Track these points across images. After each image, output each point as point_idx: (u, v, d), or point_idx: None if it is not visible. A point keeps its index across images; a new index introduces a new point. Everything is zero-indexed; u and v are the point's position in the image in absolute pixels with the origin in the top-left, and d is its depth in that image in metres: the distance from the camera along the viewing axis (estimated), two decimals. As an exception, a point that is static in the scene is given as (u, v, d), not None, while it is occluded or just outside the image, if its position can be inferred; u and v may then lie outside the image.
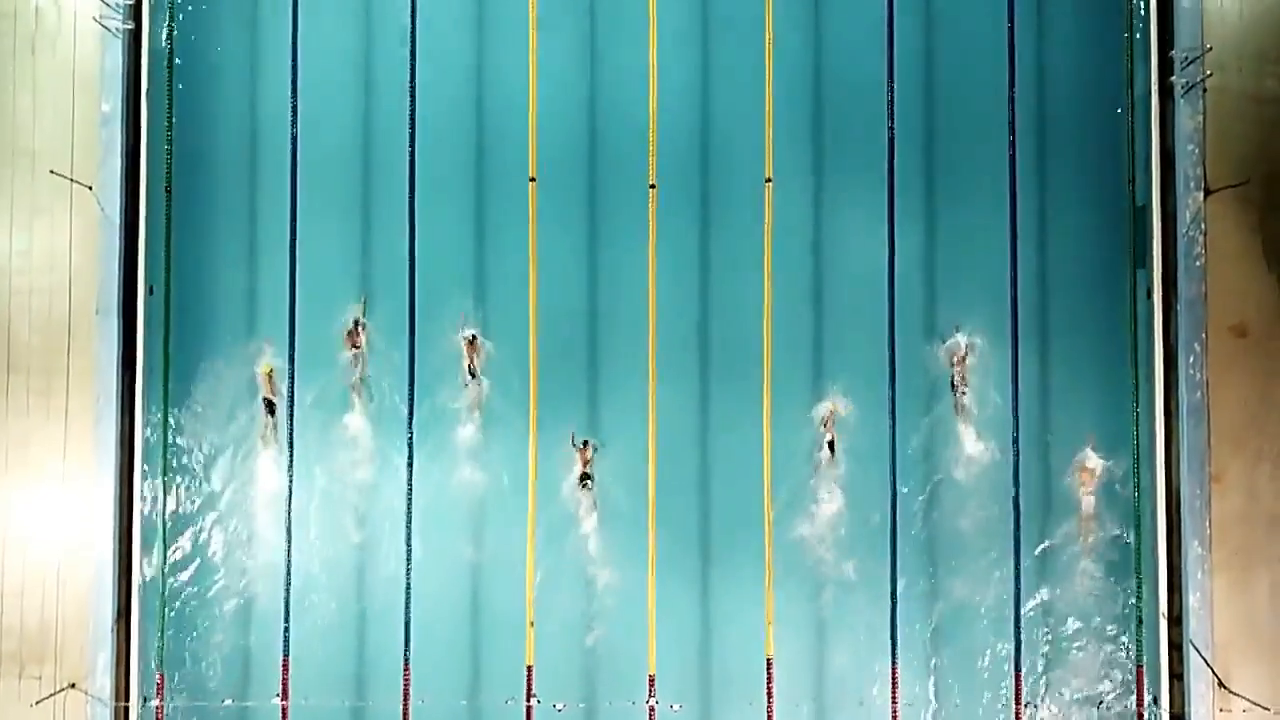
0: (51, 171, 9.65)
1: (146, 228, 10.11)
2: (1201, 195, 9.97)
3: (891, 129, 10.32)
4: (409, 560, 10.12)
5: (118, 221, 9.92)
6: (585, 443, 10.13)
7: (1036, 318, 10.31)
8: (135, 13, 10.03)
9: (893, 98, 10.33)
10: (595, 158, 10.35)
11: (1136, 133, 10.28)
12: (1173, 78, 9.96)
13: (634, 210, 10.25)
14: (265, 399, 10.19)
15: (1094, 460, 10.14)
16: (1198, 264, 9.94)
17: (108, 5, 9.84)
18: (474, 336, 10.19)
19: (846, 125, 10.37)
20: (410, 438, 10.19)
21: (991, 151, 10.38)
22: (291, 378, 10.23)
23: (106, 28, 9.84)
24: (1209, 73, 9.83)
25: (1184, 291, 9.92)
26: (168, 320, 10.21)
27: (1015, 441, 10.18)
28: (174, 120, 10.24)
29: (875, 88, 10.35)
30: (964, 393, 10.18)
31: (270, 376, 10.18)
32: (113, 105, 9.94)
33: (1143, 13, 10.19)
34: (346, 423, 10.24)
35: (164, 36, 10.20)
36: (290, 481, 10.17)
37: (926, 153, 10.35)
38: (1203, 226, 9.96)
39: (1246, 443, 9.89)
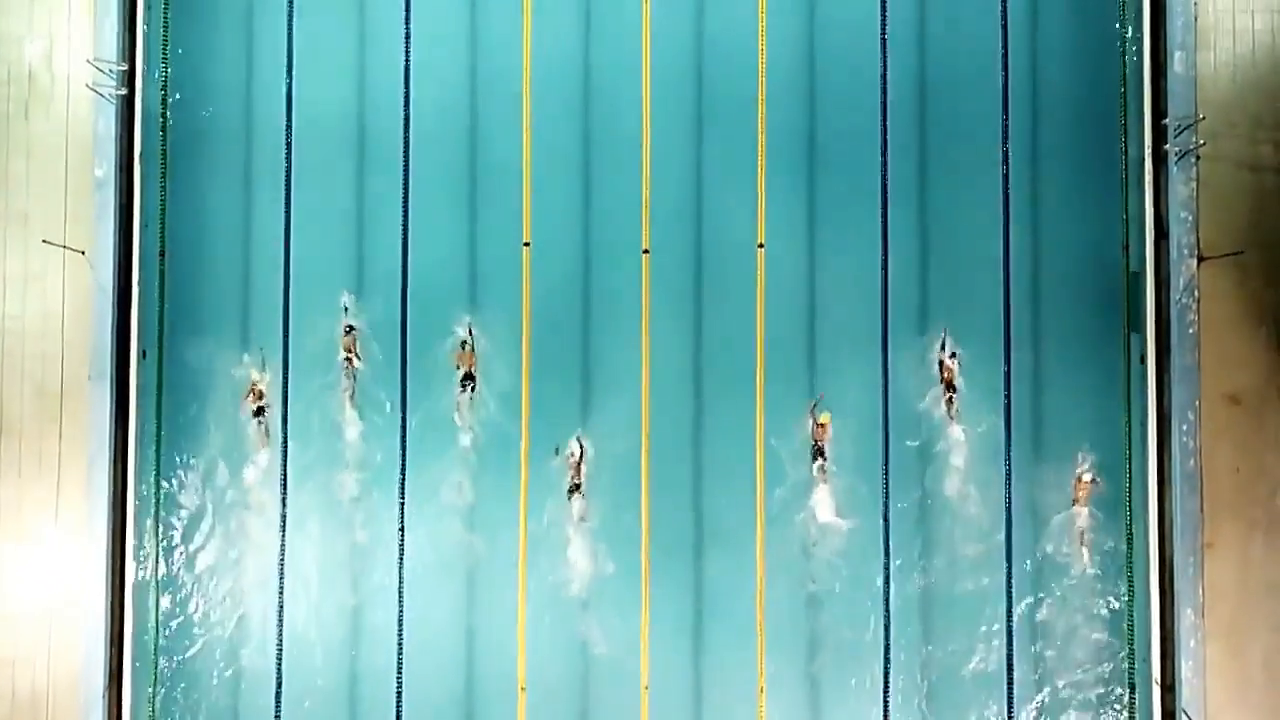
0: (45, 241, 9.65)
1: (140, 292, 10.10)
2: (1195, 262, 9.98)
3: (885, 203, 10.35)
4: (401, 625, 10.14)
5: (111, 287, 9.91)
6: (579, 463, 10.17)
7: (1030, 379, 10.31)
8: (129, 78, 10.03)
9: (885, 170, 10.35)
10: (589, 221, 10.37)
11: (1130, 199, 10.30)
12: (1166, 145, 9.98)
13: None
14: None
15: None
16: (1191, 331, 9.95)
17: (101, 71, 9.84)
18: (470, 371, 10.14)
19: (839, 191, 10.38)
20: (402, 503, 10.21)
21: (986, 218, 10.38)
22: (285, 442, 10.23)
23: (100, 94, 9.84)
24: (1202, 142, 9.85)
25: (1178, 359, 9.93)
26: (160, 384, 10.21)
27: (1008, 510, 10.20)
28: (168, 184, 10.24)
29: (870, 170, 10.38)
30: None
31: (264, 424, 10.14)
32: (106, 170, 9.93)
33: (1137, 80, 10.22)
34: (342, 482, 10.23)
35: (158, 100, 10.19)
36: (283, 547, 10.16)
37: (920, 217, 10.36)
38: (1196, 294, 9.97)
39: (1240, 510, 9.89)
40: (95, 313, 9.92)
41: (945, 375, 10.25)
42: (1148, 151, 10.16)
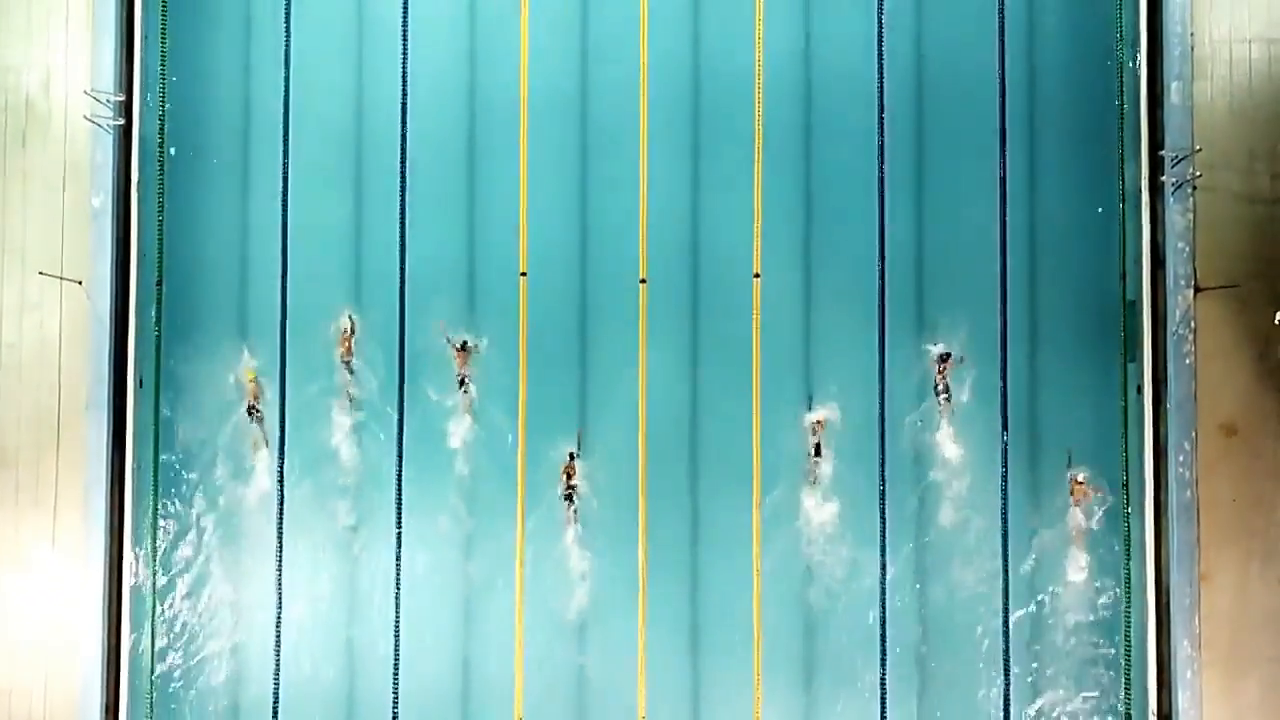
0: (41, 273, 9.67)
1: (137, 321, 10.12)
2: (1191, 293, 9.99)
3: (882, 233, 10.36)
4: (397, 655, 10.16)
5: (108, 317, 9.92)
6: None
7: (1027, 407, 10.30)
8: (126, 108, 10.04)
9: (883, 216, 10.36)
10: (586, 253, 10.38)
11: (1128, 228, 10.30)
12: (1163, 177, 9.99)
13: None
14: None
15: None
16: (1188, 362, 9.96)
17: (98, 101, 9.85)
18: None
19: (835, 218, 10.39)
20: (398, 560, 10.22)
21: (984, 245, 10.37)
22: (280, 473, 10.24)
23: (98, 124, 9.85)
24: (1199, 174, 9.86)
25: (1174, 390, 9.94)
26: (157, 412, 10.22)
27: (1004, 547, 10.22)
28: (165, 213, 10.25)
29: (867, 200, 10.39)
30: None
31: (263, 450, 10.18)
32: (103, 200, 9.94)
33: (1134, 110, 10.22)
34: (341, 511, 10.24)
35: (155, 129, 10.20)
36: (280, 578, 10.18)
37: (917, 244, 10.36)
38: (1192, 324, 9.98)
39: (1236, 541, 9.90)
40: (92, 342, 9.93)
41: (940, 394, 10.26)
42: (1144, 181, 10.18)
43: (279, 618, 10.14)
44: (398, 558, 10.14)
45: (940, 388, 10.26)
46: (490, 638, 10.10)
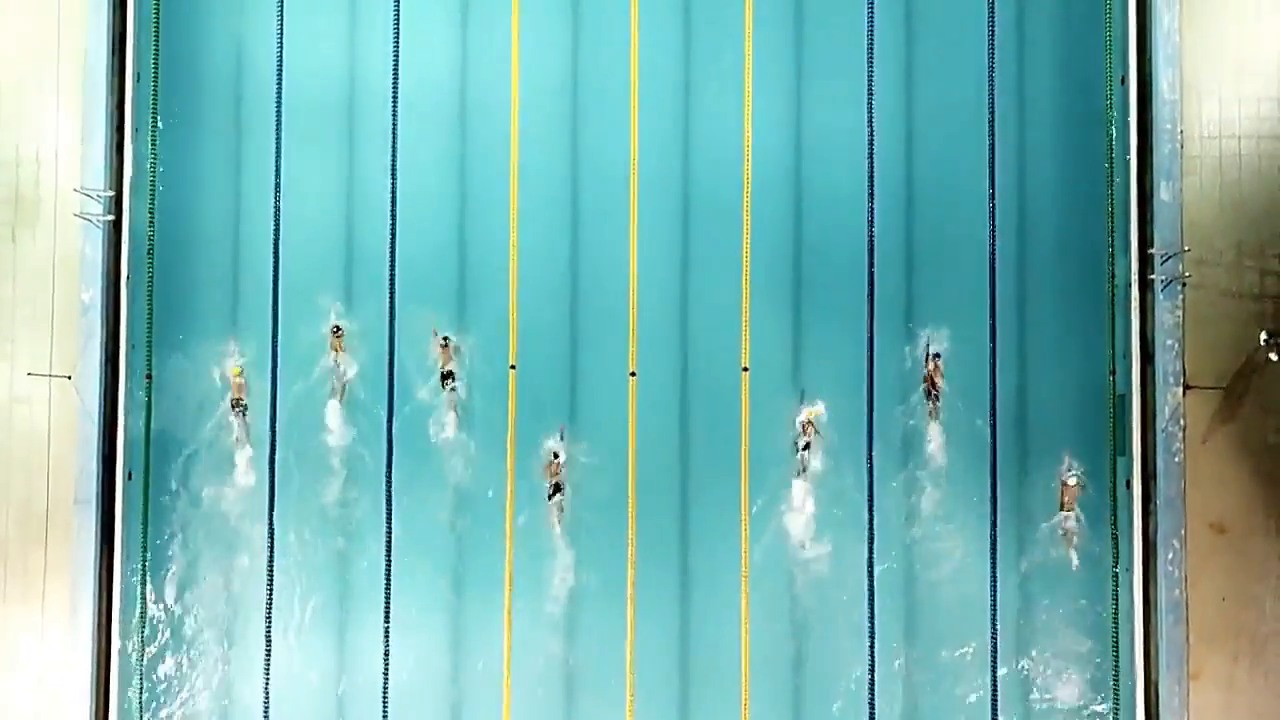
0: (30, 374, 9.68)
1: (125, 414, 10.11)
2: (1181, 391, 9.98)
3: (871, 328, 10.36)
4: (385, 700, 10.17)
5: (96, 412, 9.92)
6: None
7: (1015, 492, 10.30)
8: (116, 203, 10.05)
9: (872, 298, 10.37)
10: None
11: (1118, 322, 10.30)
12: (1152, 275, 9.98)
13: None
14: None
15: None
16: (1176, 460, 9.94)
17: (89, 196, 9.86)
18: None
19: (823, 317, 10.41)
20: (387, 632, 10.22)
21: (975, 339, 10.36)
22: (270, 568, 10.24)
23: (88, 219, 9.86)
24: (1188, 274, 9.87)
25: (1163, 488, 9.92)
26: (146, 505, 10.21)
27: (994, 643, 10.20)
28: (154, 305, 10.25)
29: (856, 299, 10.41)
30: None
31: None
32: (93, 294, 9.95)
33: (1124, 206, 10.22)
34: (340, 615, 10.26)
35: (145, 223, 10.21)
36: (266, 690, 10.19)
37: (909, 341, 10.36)
38: (1182, 422, 9.97)
39: (1226, 640, 9.87)
40: (81, 436, 9.92)
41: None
42: (1134, 277, 10.17)
43: (266, 711, 10.14)
44: (385, 664, 10.15)
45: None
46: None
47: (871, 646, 10.12)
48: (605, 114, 10.47)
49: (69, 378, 9.89)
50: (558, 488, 10.13)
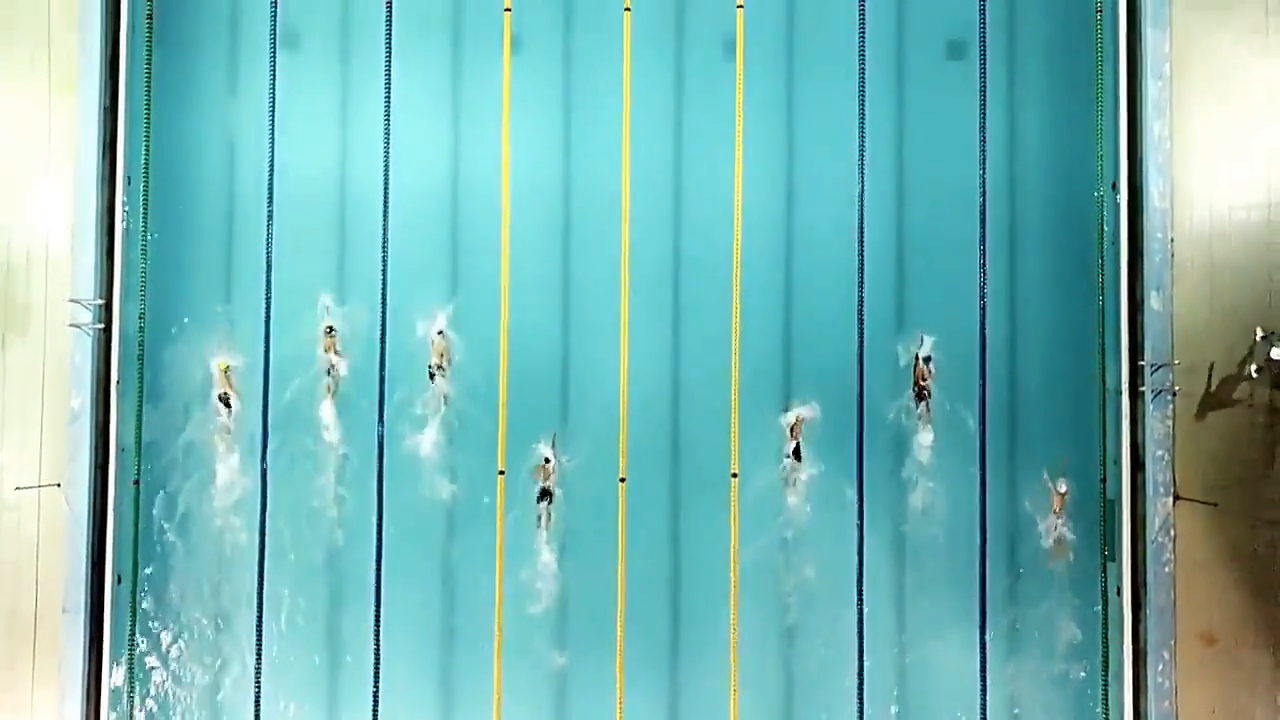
0: (17, 488, 9.67)
1: (115, 519, 10.09)
2: (1171, 501, 9.98)
3: (860, 442, 10.37)
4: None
5: (85, 519, 9.90)
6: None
7: (1005, 600, 10.29)
8: (107, 311, 10.05)
9: (862, 403, 10.38)
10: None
11: (1108, 429, 10.30)
12: (1142, 387, 9.99)
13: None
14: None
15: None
16: (1167, 570, 9.94)
17: (80, 305, 9.86)
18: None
19: (815, 422, 10.40)
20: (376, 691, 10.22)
21: (963, 446, 10.37)
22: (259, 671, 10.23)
23: (80, 328, 9.85)
24: (1177, 388, 9.88)
25: (1154, 598, 9.91)
26: (134, 610, 10.19)
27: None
28: (143, 410, 10.24)
29: (847, 409, 10.42)
30: None
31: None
32: (82, 401, 9.93)
33: (1114, 315, 10.24)
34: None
35: (135, 329, 10.20)
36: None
37: (896, 456, 10.37)
38: (1172, 533, 9.96)
39: (1216, 753, 9.89)
40: (70, 544, 9.90)
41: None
42: (1124, 384, 10.18)
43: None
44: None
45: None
46: None
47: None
48: (597, 211, 10.48)
49: (58, 485, 9.87)
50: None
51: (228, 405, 10.29)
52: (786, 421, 10.32)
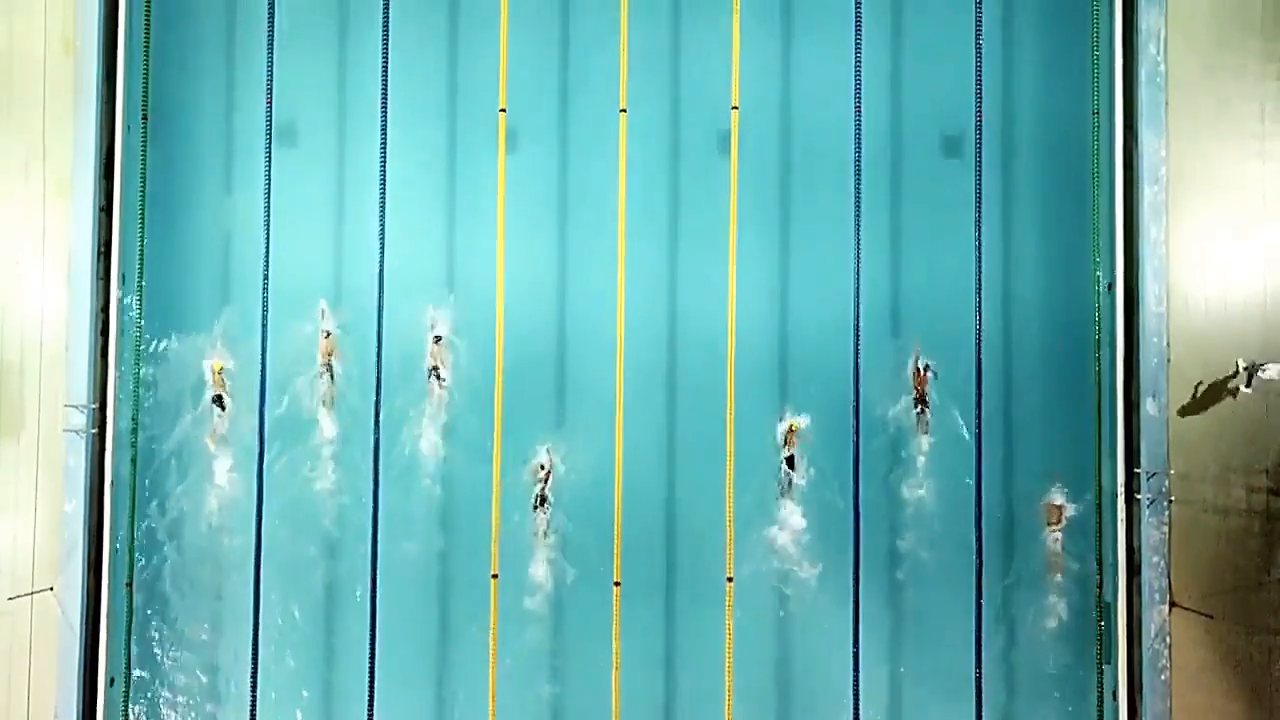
0: (11, 598, 9.65)
1: (108, 622, 10.07)
2: (1167, 609, 9.94)
3: (856, 571, 10.34)
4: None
5: (79, 623, 9.88)
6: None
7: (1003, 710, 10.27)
8: (101, 413, 10.05)
9: (857, 536, 10.35)
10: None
11: (1104, 532, 10.27)
12: (1139, 495, 9.95)
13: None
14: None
15: None
16: (1163, 678, 9.90)
17: (74, 408, 9.85)
18: None
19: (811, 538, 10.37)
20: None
21: (957, 545, 10.33)
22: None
23: (75, 433, 9.85)
24: (1173, 497, 9.85)
25: (1149, 704, 9.88)
26: (126, 713, 10.17)
27: None
28: (136, 512, 10.23)
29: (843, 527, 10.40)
30: None
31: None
32: (75, 505, 9.92)
33: (1111, 421, 10.22)
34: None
35: (129, 433, 10.21)
36: None
37: (890, 577, 10.33)
38: (1168, 640, 9.93)
39: None
40: (61, 647, 9.88)
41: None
42: (1120, 490, 10.14)
43: None
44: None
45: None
46: None
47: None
48: (592, 307, 10.47)
49: (51, 589, 9.86)
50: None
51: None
52: (778, 533, 10.32)
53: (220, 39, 10.55)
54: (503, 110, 10.41)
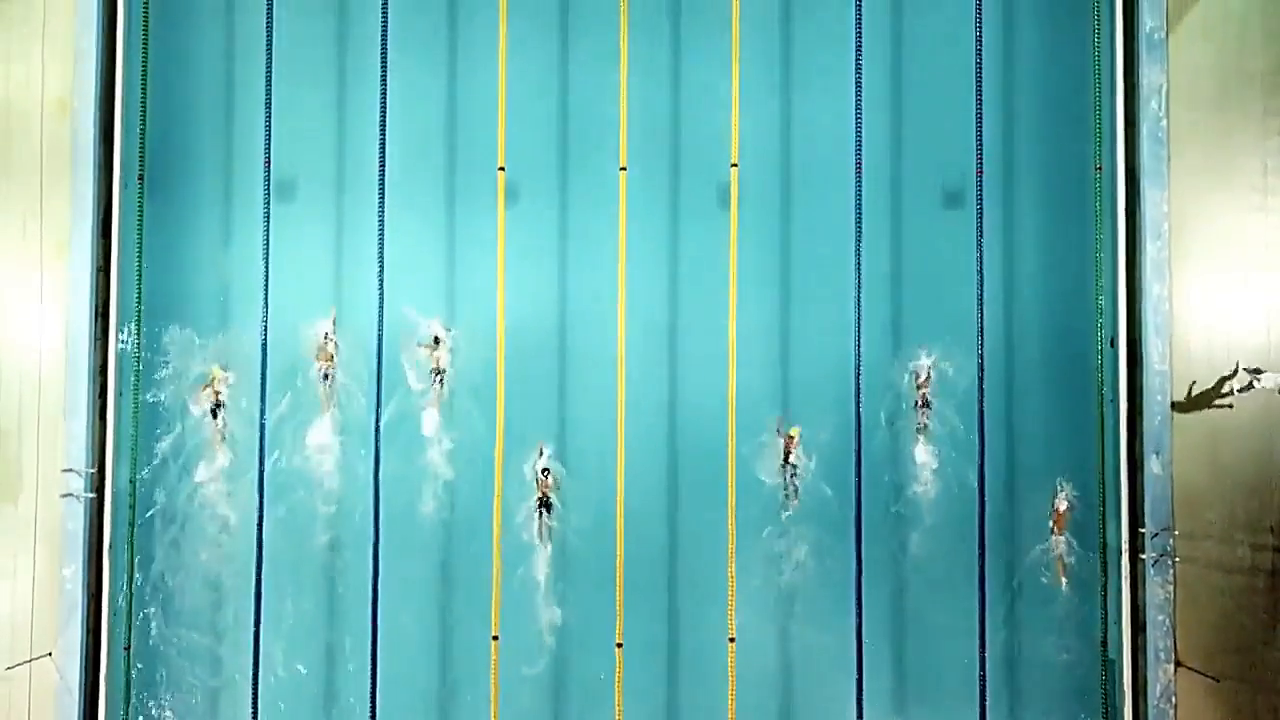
0: (9, 667, 9.59)
1: (107, 687, 10.00)
2: (1172, 668, 9.89)
3: (860, 631, 10.30)
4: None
5: (77, 688, 9.81)
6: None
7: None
8: (99, 475, 9.99)
9: (860, 596, 10.30)
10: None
11: (1109, 589, 10.22)
12: (1143, 555, 9.90)
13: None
14: None
15: None
16: (1168, 737, 9.87)
17: (73, 472, 9.80)
18: None
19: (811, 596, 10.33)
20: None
21: (961, 605, 10.28)
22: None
23: (73, 496, 9.79)
24: (1178, 558, 9.81)
25: (1155, 764, 9.85)
26: (126, 776, 10.15)
27: None
28: (133, 575, 10.18)
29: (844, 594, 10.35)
30: None
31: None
32: (74, 570, 9.86)
33: (1115, 478, 10.18)
34: None
35: (127, 494, 10.16)
36: None
37: (895, 639, 10.29)
38: (1174, 700, 9.88)
39: None
40: (61, 714, 9.81)
41: None
42: (1124, 547, 10.09)
43: None
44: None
45: None
46: None
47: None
48: (593, 358, 10.43)
49: (49, 655, 9.79)
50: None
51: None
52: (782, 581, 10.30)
53: (218, 96, 10.51)
54: (501, 168, 10.36)
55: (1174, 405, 10.01)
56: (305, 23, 10.49)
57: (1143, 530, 9.90)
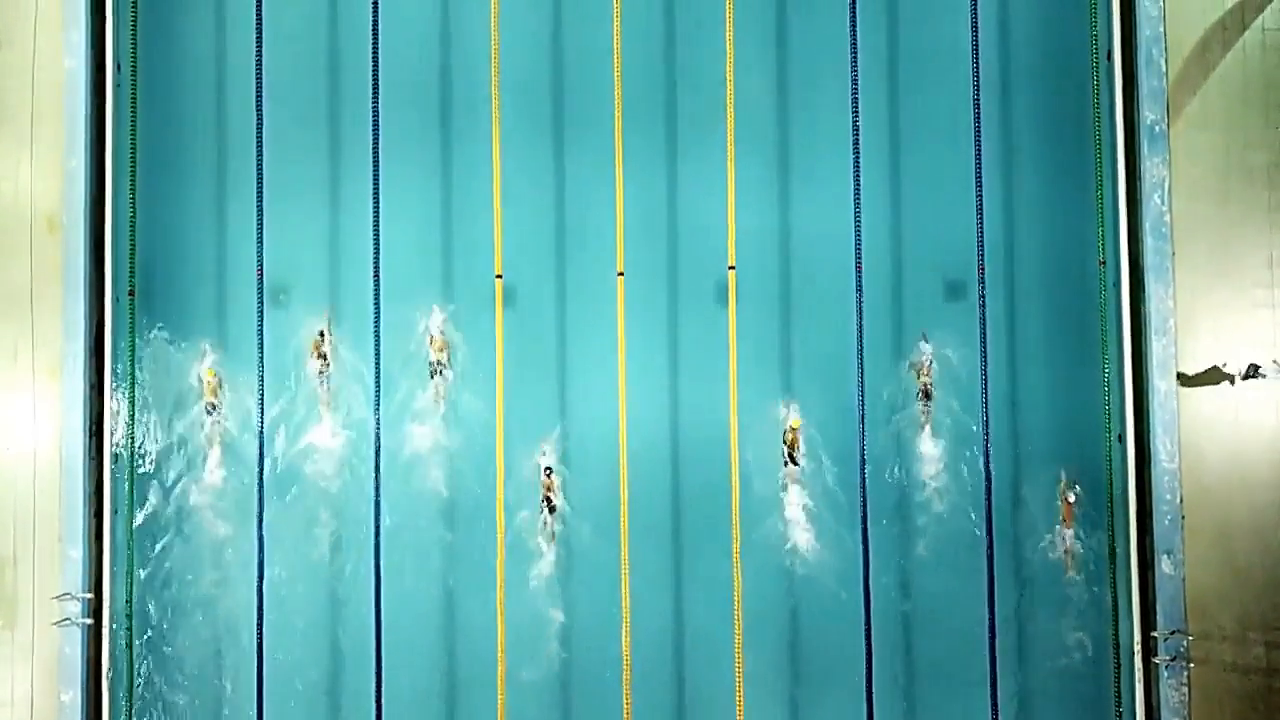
0: (7, 803, 9.50)
1: (109, 811, 9.92)
2: (1189, 770, 9.78)
3: (869, 660, 10.21)
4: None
5: (78, 816, 9.71)
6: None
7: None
8: (97, 599, 9.86)
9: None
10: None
11: (1122, 688, 10.12)
12: (1155, 659, 9.77)
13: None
14: None
15: None
16: (1187, 844, 9.73)
17: (70, 597, 9.68)
18: None
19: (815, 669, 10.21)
20: None
21: (971, 653, 10.18)
22: None
23: (70, 621, 9.67)
24: (1192, 665, 9.69)
25: None
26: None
27: None
28: (132, 697, 10.06)
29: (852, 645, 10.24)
30: None
31: None
32: (72, 696, 9.72)
33: (1125, 585, 10.06)
34: None
35: (125, 629, 10.07)
36: None
37: (906, 693, 10.16)
38: (1191, 804, 9.77)
39: None
40: (63, 822, 9.73)
41: None
42: (1137, 648, 9.96)
43: None
44: None
45: None
46: None
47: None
48: (594, 462, 10.29)
49: (50, 772, 9.69)
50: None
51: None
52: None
53: (209, 204, 10.39)
54: (499, 276, 10.26)
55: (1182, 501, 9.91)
56: (297, 132, 10.38)
57: (1154, 634, 9.77)
